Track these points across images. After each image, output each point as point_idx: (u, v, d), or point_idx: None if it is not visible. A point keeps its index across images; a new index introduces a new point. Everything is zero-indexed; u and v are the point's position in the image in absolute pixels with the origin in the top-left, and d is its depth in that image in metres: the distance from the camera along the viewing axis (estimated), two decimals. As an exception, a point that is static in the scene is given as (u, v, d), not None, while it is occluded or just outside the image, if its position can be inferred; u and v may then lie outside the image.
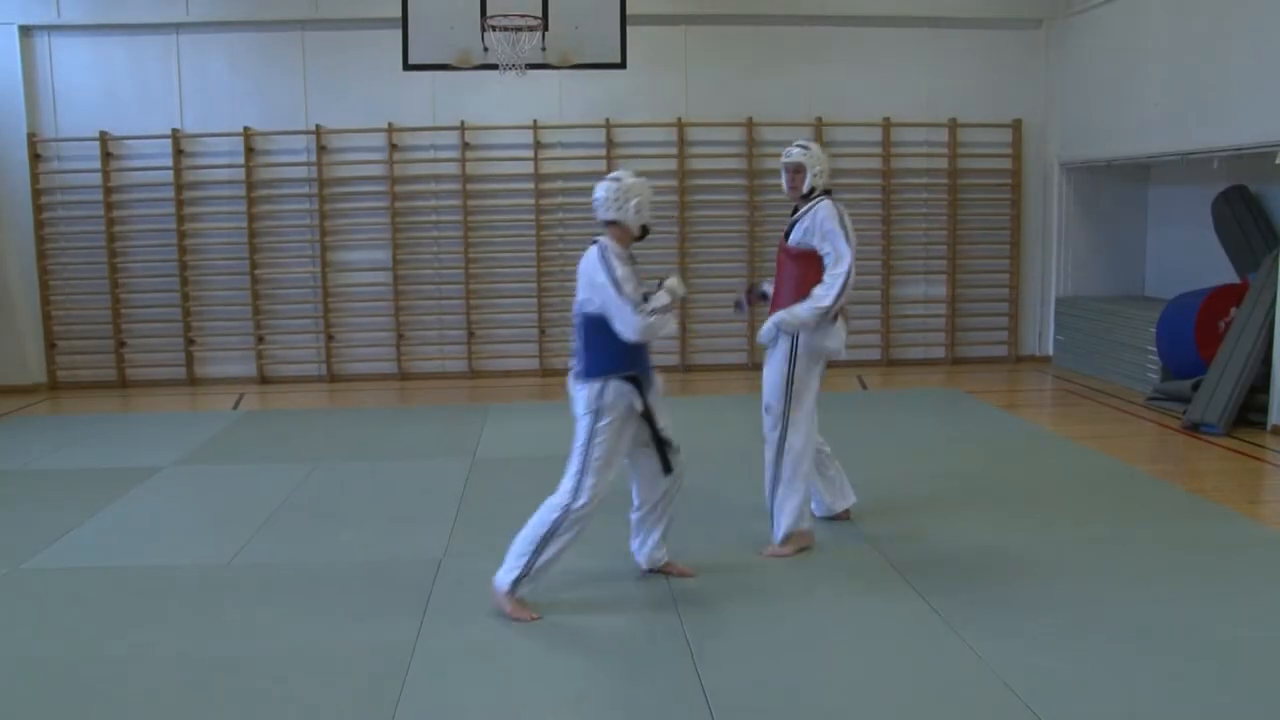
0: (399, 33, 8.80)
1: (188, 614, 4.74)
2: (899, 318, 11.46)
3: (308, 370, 11.13)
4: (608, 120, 10.91)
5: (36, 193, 10.69)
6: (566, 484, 4.59)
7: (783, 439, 5.44)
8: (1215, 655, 4.10)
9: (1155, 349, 9.25)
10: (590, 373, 4.60)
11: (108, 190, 10.75)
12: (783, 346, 5.48)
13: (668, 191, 11.03)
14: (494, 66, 8.64)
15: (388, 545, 5.65)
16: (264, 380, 11.03)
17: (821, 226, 5.29)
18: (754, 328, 11.15)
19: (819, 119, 11.05)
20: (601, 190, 4.63)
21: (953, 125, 11.17)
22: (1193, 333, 8.67)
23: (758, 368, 10.99)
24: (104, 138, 10.68)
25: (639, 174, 4.72)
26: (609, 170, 10.80)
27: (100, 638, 4.49)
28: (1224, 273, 9.17)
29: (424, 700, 3.87)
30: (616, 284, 4.45)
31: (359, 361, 11.14)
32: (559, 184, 11.01)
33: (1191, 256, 10.26)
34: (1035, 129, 11.32)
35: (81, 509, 6.31)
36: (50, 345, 10.94)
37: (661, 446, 4.79)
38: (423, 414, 9.39)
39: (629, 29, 8.90)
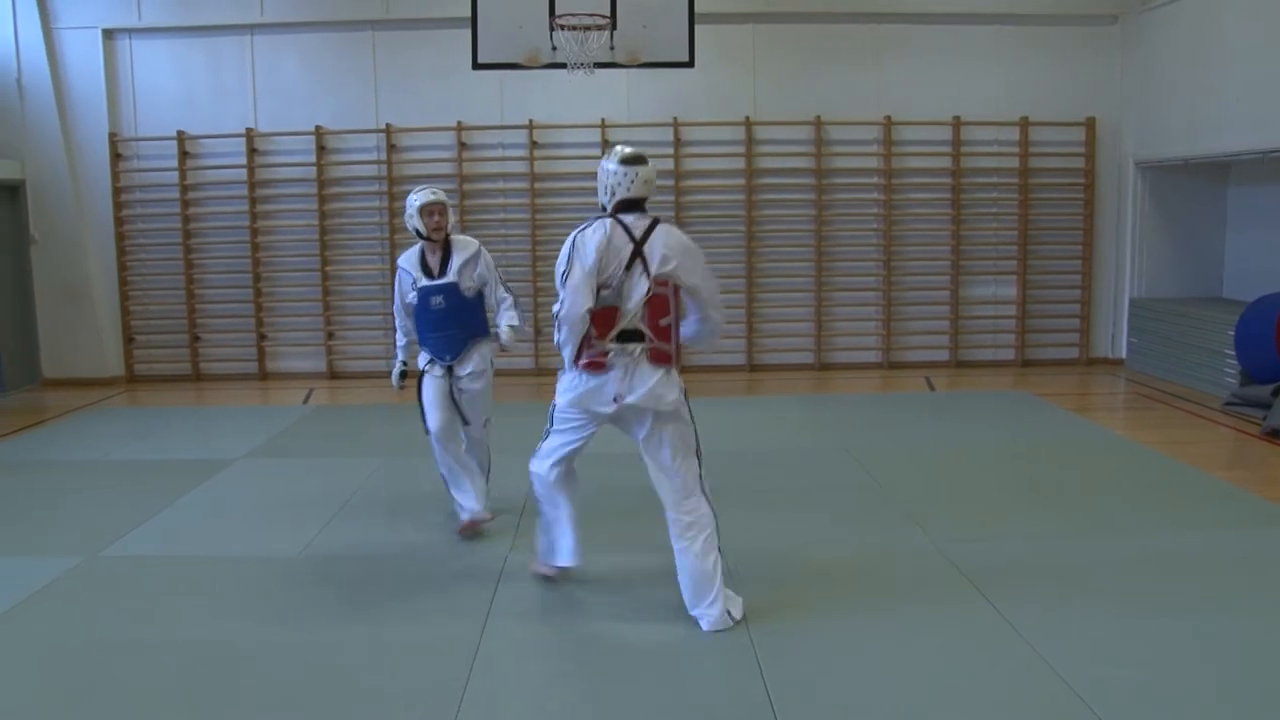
0: (468, 32, 8.87)
1: (258, 604, 4.83)
2: (968, 319, 11.31)
3: (376, 366, 11.26)
4: (675, 119, 10.90)
5: (116, 190, 10.98)
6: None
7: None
8: (1294, 667, 3.99)
9: (1233, 352, 9.03)
10: None
11: (184, 188, 11.00)
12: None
13: (735, 190, 11.02)
14: (562, 65, 8.68)
15: (454, 540, 5.70)
16: (333, 375, 11.20)
17: None
18: (820, 333, 11.11)
19: (888, 118, 10.95)
20: None
21: (1024, 124, 11.00)
22: (1273, 336, 8.45)
23: (825, 368, 11.12)
24: (181, 137, 10.92)
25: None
26: (676, 169, 10.91)
27: (173, 625, 4.58)
28: (1307, 275, 8.95)
29: (488, 693, 3.90)
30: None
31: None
32: (625, 183, 11.00)
33: (1273, 258, 10.00)
34: (1109, 127, 11.11)
35: (157, 499, 6.46)
36: (128, 340, 11.22)
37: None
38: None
39: (697, 28, 8.88)
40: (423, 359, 5.89)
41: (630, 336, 4.44)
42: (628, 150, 4.57)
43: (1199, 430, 8.22)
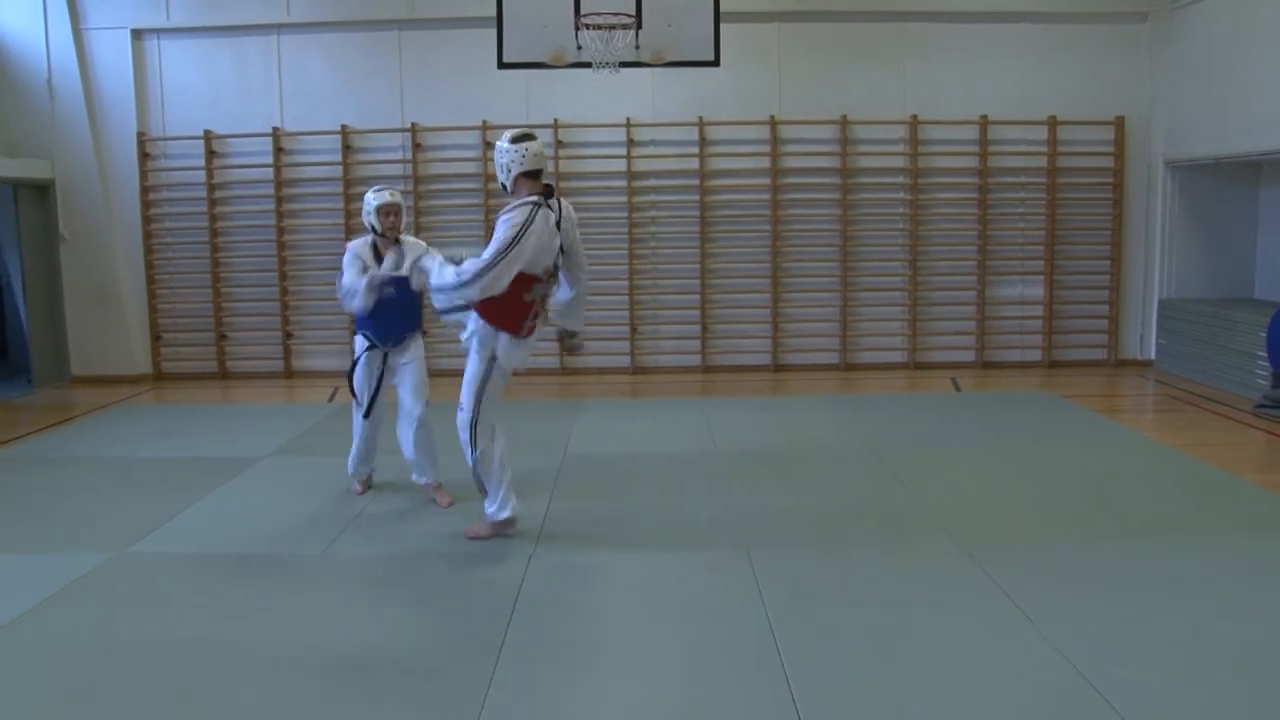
0: (494, 32, 8.87)
1: (284, 601, 4.84)
2: (994, 319, 11.23)
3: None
4: (700, 118, 10.88)
5: (144, 190, 11.06)
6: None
7: (473, 438, 5.60)
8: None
9: (1264, 354, 8.93)
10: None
11: (211, 187, 11.06)
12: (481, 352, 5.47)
13: (760, 190, 10.99)
14: (587, 65, 8.68)
15: (478, 539, 5.70)
16: (358, 374, 11.22)
17: (496, 230, 5.11)
18: (845, 333, 11.07)
19: (914, 117, 10.89)
20: None
21: (1052, 123, 10.92)
22: (1305, 337, 8.36)
23: (850, 368, 11.07)
24: (208, 136, 10.98)
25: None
26: (702, 169, 10.89)
27: (199, 622, 4.60)
28: (1339, 275, 8.84)
29: (513, 692, 3.89)
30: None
31: (450, 357, 11.22)
32: (651, 182, 11.02)
33: (1305, 259, 9.90)
34: (1139, 126, 11.01)
35: (184, 496, 6.50)
36: (155, 337, 11.29)
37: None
38: (515, 409, 9.40)
39: (722, 26, 8.85)
40: (359, 344, 6.28)
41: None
42: (515, 131, 5.30)
43: (1228, 433, 8.13)
